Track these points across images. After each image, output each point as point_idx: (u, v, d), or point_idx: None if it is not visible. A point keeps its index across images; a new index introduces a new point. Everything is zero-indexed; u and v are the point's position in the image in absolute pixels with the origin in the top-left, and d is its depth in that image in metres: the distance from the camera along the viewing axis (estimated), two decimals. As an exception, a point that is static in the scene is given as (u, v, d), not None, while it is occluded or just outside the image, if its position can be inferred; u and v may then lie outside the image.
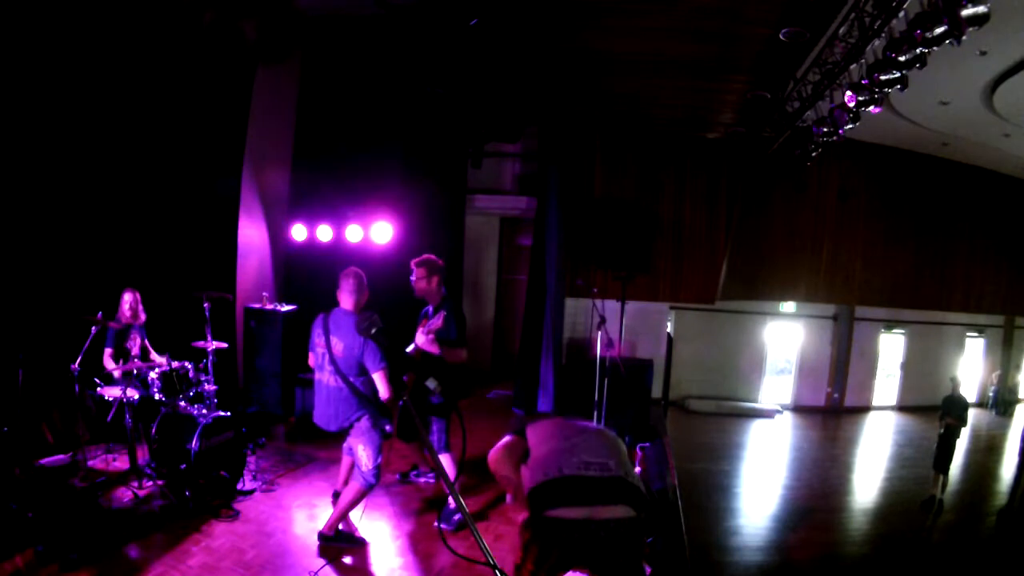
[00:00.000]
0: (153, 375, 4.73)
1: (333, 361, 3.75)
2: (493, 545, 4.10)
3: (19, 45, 4.59)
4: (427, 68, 6.75)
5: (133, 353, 4.99)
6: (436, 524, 4.35)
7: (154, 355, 5.06)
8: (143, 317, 5.13)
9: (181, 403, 4.65)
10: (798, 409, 14.08)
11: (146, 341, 5.15)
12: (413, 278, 4.27)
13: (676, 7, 5.10)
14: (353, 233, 7.13)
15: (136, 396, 4.69)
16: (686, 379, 13.07)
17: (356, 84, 7.52)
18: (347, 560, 3.83)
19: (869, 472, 10.19)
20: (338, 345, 3.76)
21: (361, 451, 3.85)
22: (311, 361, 3.95)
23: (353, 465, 4.02)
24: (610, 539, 2.33)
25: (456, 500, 1.96)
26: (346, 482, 4.23)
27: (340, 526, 4.00)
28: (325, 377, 3.83)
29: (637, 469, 5.44)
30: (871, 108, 5.42)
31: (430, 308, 4.34)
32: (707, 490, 8.41)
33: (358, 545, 3.99)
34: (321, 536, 3.91)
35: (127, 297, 5.02)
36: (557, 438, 2.52)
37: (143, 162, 5.65)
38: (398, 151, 7.93)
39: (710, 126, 8.62)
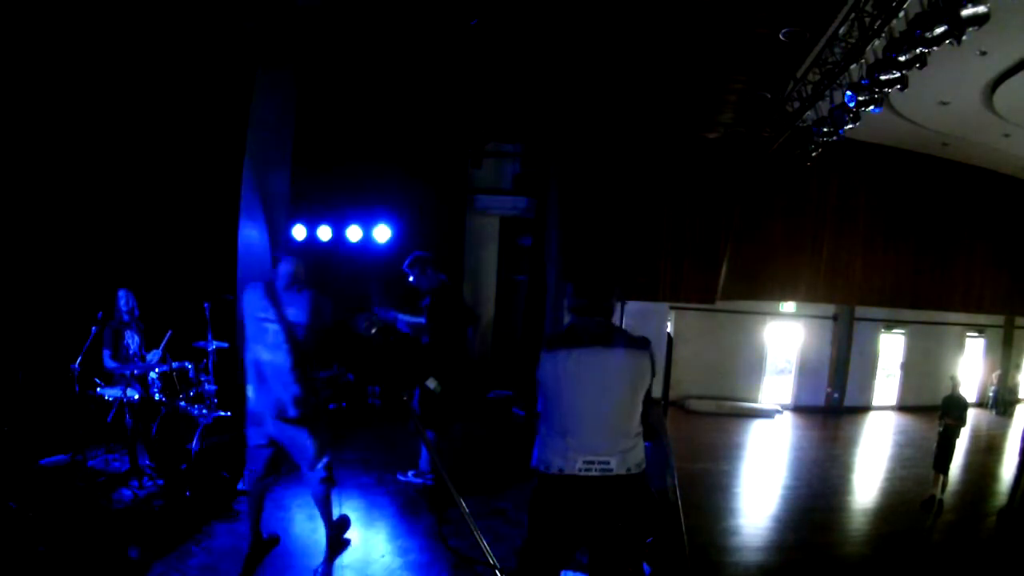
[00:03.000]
0: (153, 375, 4.73)
1: (291, 338, 3.32)
2: (493, 545, 4.10)
3: (20, 45, 4.60)
4: (427, 68, 6.75)
5: (131, 352, 4.99)
6: (436, 524, 4.35)
7: (148, 355, 5.05)
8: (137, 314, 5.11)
9: (181, 403, 4.65)
10: (798, 409, 14.09)
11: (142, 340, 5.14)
12: (412, 279, 4.48)
13: (676, 7, 5.10)
14: (353, 233, 7.14)
15: (136, 396, 4.69)
16: (686, 379, 13.09)
17: (357, 84, 7.52)
18: (346, 560, 3.83)
19: (869, 472, 10.19)
20: (293, 318, 3.37)
21: (310, 443, 3.45)
22: (245, 339, 3.53)
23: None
24: (613, 494, 2.51)
25: (456, 500, 1.97)
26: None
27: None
28: (277, 357, 3.35)
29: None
30: (871, 108, 5.43)
31: (428, 300, 4.58)
32: (707, 490, 8.41)
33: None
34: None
35: (122, 295, 5.01)
36: (562, 412, 2.55)
37: (144, 162, 5.66)
38: (398, 151, 7.93)
39: (710, 126, 8.62)
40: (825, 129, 6.63)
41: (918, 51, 4.42)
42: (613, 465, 2.47)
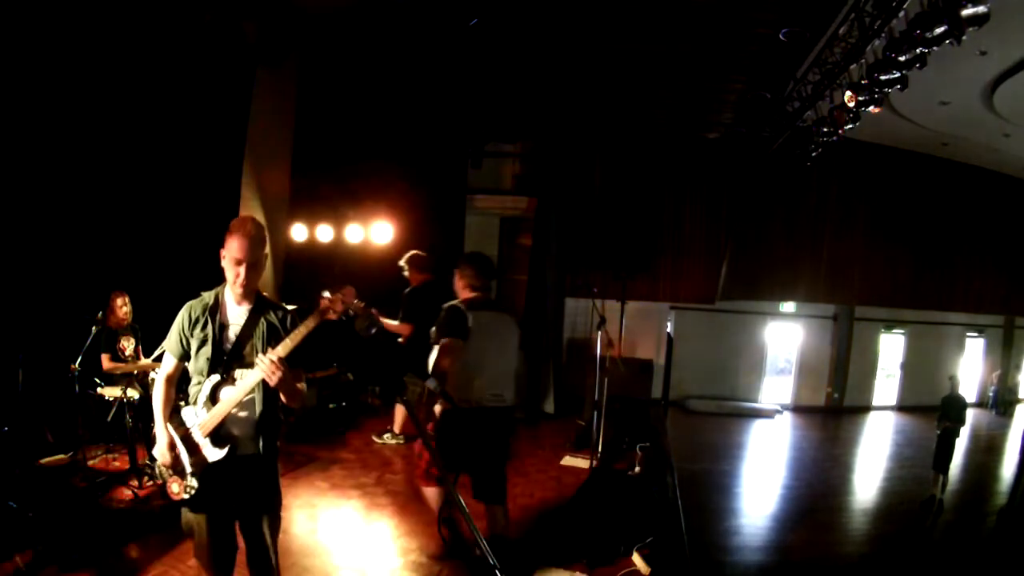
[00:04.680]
0: (153, 375, 4.72)
1: None
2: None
3: (19, 45, 4.59)
4: (427, 68, 6.75)
5: (127, 355, 4.98)
6: (436, 524, 4.34)
7: (143, 360, 5.02)
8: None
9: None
10: (798, 409, 14.07)
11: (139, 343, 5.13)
12: (406, 275, 5.32)
13: (677, 8, 5.11)
14: (353, 233, 7.14)
15: (136, 396, 4.69)
16: (686, 379, 13.06)
17: (356, 84, 7.53)
18: (346, 561, 3.83)
19: (869, 472, 10.18)
20: None
21: None
22: None
23: None
24: (505, 419, 3.49)
25: (456, 499, 1.96)
26: None
27: None
28: None
29: (637, 469, 5.45)
30: (871, 108, 5.43)
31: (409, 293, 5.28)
32: (707, 490, 8.40)
33: None
34: None
35: (118, 300, 5.00)
36: (487, 357, 3.32)
37: (144, 163, 5.66)
38: (398, 151, 7.93)
39: (710, 126, 8.63)
40: (825, 129, 6.63)
41: (918, 51, 4.43)
42: (507, 398, 3.42)
